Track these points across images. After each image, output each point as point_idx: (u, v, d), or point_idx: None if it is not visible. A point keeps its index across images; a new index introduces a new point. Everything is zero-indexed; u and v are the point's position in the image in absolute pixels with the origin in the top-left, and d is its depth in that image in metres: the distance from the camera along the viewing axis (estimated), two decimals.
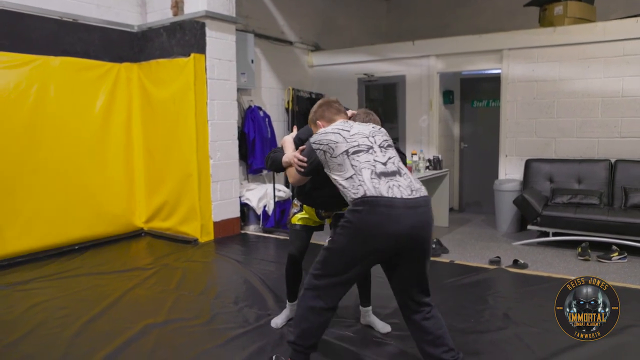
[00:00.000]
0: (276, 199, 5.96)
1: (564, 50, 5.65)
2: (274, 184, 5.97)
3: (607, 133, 5.50)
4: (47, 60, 4.73)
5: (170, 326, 3.12)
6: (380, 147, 2.30)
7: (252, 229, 5.83)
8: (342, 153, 2.25)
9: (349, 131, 2.32)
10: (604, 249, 4.71)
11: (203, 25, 5.12)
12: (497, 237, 5.65)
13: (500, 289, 3.85)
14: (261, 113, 6.33)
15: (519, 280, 4.01)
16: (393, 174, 2.19)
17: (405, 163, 2.48)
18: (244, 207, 5.84)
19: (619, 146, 5.44)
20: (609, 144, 5.50)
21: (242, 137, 6.04)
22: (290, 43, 7.11)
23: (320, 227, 3.04)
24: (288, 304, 3.15)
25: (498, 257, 4.64)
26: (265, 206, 5.87)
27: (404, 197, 2.11)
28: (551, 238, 5.15)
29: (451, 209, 7.01)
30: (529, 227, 5.34)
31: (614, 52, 5.38)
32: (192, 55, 5.07)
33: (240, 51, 5.72)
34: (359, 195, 2.12)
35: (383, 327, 2.97)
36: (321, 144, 2.33)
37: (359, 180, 2.16)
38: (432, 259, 4.57)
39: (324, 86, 7.32)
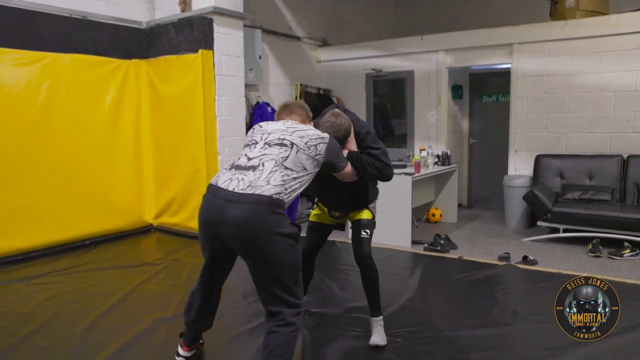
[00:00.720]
0: None
1: (576, 43, 5.58)
2: None
3: (619, 128, 5.44)
4: (58, 58, 4.76)
5: (179, 320, 3.11)
6: (266, 143, 2.22)
7: None
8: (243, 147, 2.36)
9: (261, 127, 2.37)
10: (616, 246, 4.67)
11: (211, 21, 5.13)
12: (507, 234, 5.61)
13: (510, 286, 3.83)
14: (269, 109, 6.32)
15: (528, 277, 4.00)
16: (247, 168, 2.13)
17: (375, 159, 2.62)
18: None
19: (632, 141, 5.37)
20: (622, 139, 5.43)
21: None
22: (298, 38, 7.09)
23: (340, 226, 3.02)
24: None
25: (507, 253, 4.61)
26: None
27: (234, 190, 2.04)
28: (561, 234, 5.11)
29: (460, 205, 6.97)
30: (539, 223, 5.30)
31: (627, 45, 5.30)
32: (200, 51, 5.08)
33: (248, 47, 5.72)
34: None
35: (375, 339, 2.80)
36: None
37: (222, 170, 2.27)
38: (441, 255, 4.61)
39: (331, 81, 7.30)
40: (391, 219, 5.07)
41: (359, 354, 2.67)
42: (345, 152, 2.60)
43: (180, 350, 2.53)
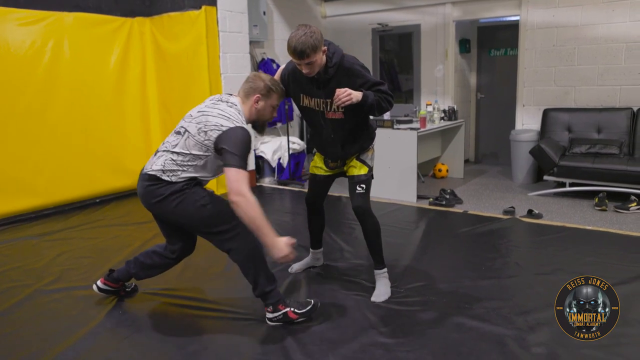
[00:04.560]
0: (290, 152, 5.98)
1: None
2: (288, 136, 5.98)
3: (630, 80, 5.34)
4: (61, 17, 4.73)
5: (188, 273, 3.24)
6: (175, 131, 2.50)
7: (267, 182, 5.90)
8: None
9: (192, 112, 2.50)
10: (622, 200, 4.67)
11: None
12: (513, 188, 5.63)
13: (513, 239, 3.87)
14: (274, 65, 6.27)
15: (532, 230, 4.03)
16: (155, 153, 2.52)
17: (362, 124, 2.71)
18: (259, 160, 5.89)
19: None
20: (632, 91, 5.34)
21: None
22: None
23: (343, 174, 2.95)
24: (310, 251, 3.22)
25: (512, 207, 4.64)
26: (279, 159, 5.91)
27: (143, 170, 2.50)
28: (568, 188, 5.11)
29: (467, 161, 6.97)
30: (545, 177, 5.30)
31: None
32: (204, 7, 5.01)
33: (251, 3, 5.64)
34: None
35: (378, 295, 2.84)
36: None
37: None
38: (446, 209, 4.65)
39: (337, 37, 7.18)
40: (396, 174, 5.09)
41: (364, 304, 2.74)
42: (359, 94, 2.51)
43: (99, 282, 2.88)
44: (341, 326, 2.50)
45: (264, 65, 6.14)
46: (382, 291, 2.82)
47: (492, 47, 7.04)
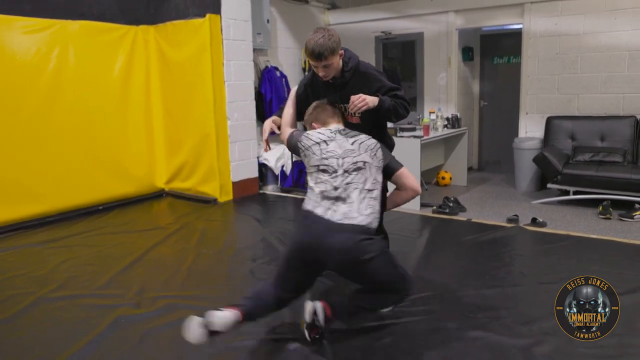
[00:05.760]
0: (294, 159, 5.99)
1: (589, 1, 5.43)
2: None
3: (633, 88, 5.34)
4: (66, 25, 4.77)
5: (190, 281, 3.23)
6: (345, 171, 2.36)
7: (270, 189, 5.91)
8: (313, 166, 2.43)
9: (327, 145, 2.42)
10: (627, 208, 4.65)
11: None
12: (517, 196, 5.61)
13: (517, 247, 3.86)
14: (278, 73, 6.29)
15: (536, 239, 4.01)
16: (337, 199, 2.31)
17: (404, 109, 2.65)
18: (262, 168, 5.90)
19: None
20: (636, 99, 5.34)
21: (259, 97, 6.04)
22: (306, 2, 6.98)
23: None
24: None
25: (516, 215, 4.62)
26: (283, 166, 5.92)
27: (331, 219, 2.26)
28: (571, 197, 5.10)
29: (470, 168, 6.96)
30: (549, 185, 5.29)
31: None
32: (208, 15, 5.04)
33: (255, 11, 5.66)
34: (303, 206, 2.39)
35: None
36: (303, 145, 2.49)
37: (310, 194, 2.39)
38: (449, 217, 4.64)
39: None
40: None
41: (366, 313, 2.72)
42: (375, 99, 2.53)
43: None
44: (343, 334, 2.49)
45: (268, 73, 6.16)
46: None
47: (495, 55, 7.05)
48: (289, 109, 2.81)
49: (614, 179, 4.83)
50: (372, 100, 2.49)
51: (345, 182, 2.34)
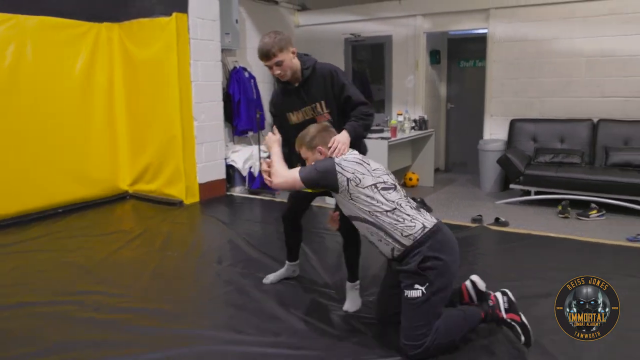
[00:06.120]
0: (262, 161, 5.95)
1: (550, 9, 5.59)
2: (259, 145, 5.96)
3: (590, 93, 5.52)
4: (24, 20, 4.60)
5: (154, 285, 3.17)
6: (395, 188, 2.36)
7: (237, 191, 5.86)
8: (370, 186, 2.27)
9: (369, 164, 2.35)
10: (584, 207, 4.79)
11: None
12: (481, 196, 5.72)
13: (481, 246, 3.93)
14: (246, 74, 6.25)
15: (499, 238, 4.10)
16: (418, 208, 2.35)
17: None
18: (230, 169, 5.85)
19: (602, 106, 5.46)
20: (592, 103, 5.52)
21: (227, 98, 5.99)
22: (276, 2, 6.96)
23: (327, 192, 2.84)
24: (286, 263, 3.18)
25: (480, 215, 4.71)
26: (251, 168, 5.89)
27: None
28: (533, 197, 5.23)
29: (437, 170, 7.06)
30: (512, 186, 5.41)
31: (598, 11, 5.34)
32: (174, 14, 4.97)
33: (223, 10, 5.61)
34: (417, 229, 2.23)
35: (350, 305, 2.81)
36: (345, 171, 2.28)
37: (407, 214, 2.26)
38: None
39: (310, 47, 7.20)
40: None
41: (333, 316, 2.72)
42: (346, 136, 2.48)
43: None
44: (311, 337, 2.48)
45: (236, 74, 6.12)
46: (354, 302, 2.81)
47: (461, 58, 7.18)
48: (278, 148, 2.64)
49: (572, 179, 4.98)
50: (346, 138, 2.48)
51: (401, 198, 2.33)
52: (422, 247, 2.22)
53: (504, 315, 2.35)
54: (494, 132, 6.16)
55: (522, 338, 2.28)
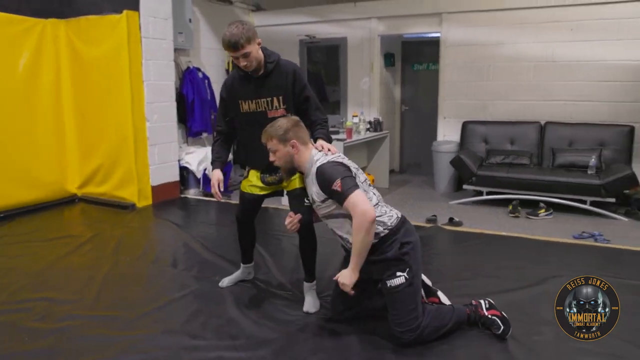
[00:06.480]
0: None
1: (501, 15, 5.77)
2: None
3: (537, 96, 5.73)
4: None
5: (106, 291, 3.05)
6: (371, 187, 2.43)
7: (192, 193, 5.75)
8: (364, 182, 2.36)
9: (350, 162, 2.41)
10: (533, 207, 4.97)
11: None
12: (436, 197, 5.83)
13: (436, 246, 3.99)
14: (200, 74, 6.14)
15: (453, 237, 4.19)
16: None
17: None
18: (184, 171, 5.72)
19: (549, 109, 5.69)
20: (540, 106, 5.74)
21: (181, 99, 5.86)
22: (230, 2, 6.88)
23: (279, 193, 2.90)
24: (241, 265, 3.14)
25: (434, 215, 4.80)
26: (205, 169, 5.77)
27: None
28: (485, 197, 5.37)
29: (392, 171, 7.15)
30: (465, 186, 5.54)
31: (545, 18, 5.56)
32: (125, 12, 4.83)
33: (176, 9, 5.50)
34: (394, 219, 2.33)
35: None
36: (351, 168, 2.35)
37: (386, 206, 2.37)
38: None
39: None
40: None
41: (291, 317, 2.70)
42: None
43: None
44: (270, 339, 2.45)
45: (190, 74, 6.00)
46: (313, 303, 2.79)
47: (415, 61, 7.31)
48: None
49: (522, 179, 5.15)
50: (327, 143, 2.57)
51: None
52: (398, 234, 2.31)
53: (486, 313, 2.44)
54: (447, 133, 6.30)
55: (501, 328, 2.37)
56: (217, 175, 2.81)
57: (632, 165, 5.13)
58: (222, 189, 2.80)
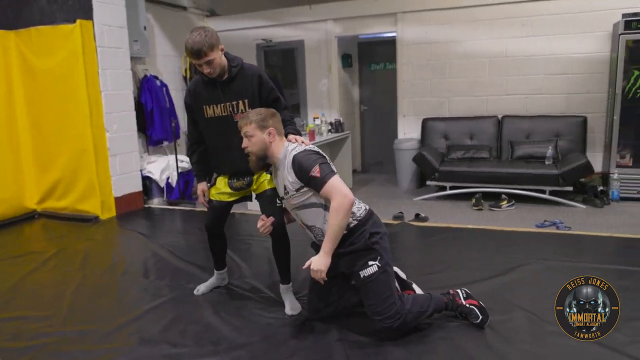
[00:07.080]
0: (179, 170, 5.79)
1: (454, 13, 5.94)
2: (176, 155, 5.79)
3: (494, 91, 5.93)
4: None
5: (78, 305, 2.97)
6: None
7: (156, 202, 5.65)
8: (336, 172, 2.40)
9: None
10: (495, 198, 5.13)
11: None
12: (400, 194, 5.93)
13: (404, 242, 4.07)
14: (158, 82, 6.05)
15: (420, 233, 4.27)
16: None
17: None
18: (146, 181, 5.62)
19: (505, 103, 5.89)
20: (496, 101, 5.93)
21: (140, 108, 5.76)
22: (184, 8, 6.80)
23: (247, 198, 2.91)
24: (215, 272, 3.12)
25: (401, 212, 4.88)
26: (168, 178, 5.70)
27: None
28: (448, 192, 5.51)
29: (354, 171, 7.23)
30: (428, 182, 5.66)
31: (499, 15, 5.75)
32: (79, 21, 4.71)
33: (131, 17, 5.39)
34: (362, 210, 2.41)
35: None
36: (326, 157, 2.40)
37: (355, 199, 2.39)
38: None
39: None
40: None
41: (269, 319, 2.70)
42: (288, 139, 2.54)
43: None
44: (251, 343, 2.45)
45: (147, 82, 5.90)
46: (293, 305, 2.79)
47: (372, 61, 7.42)
48: None
49: (483, 173, 5.31)
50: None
51: None
52: (367, 225, 2.37)
53: (463, 302, 2.51)
54: (408, 131, 6.42)
55: (480, 317, 2.45)
56: (201, 187, 2.92)
57: (587, 154, 5.37)
58: (206, 198, 2.87)
